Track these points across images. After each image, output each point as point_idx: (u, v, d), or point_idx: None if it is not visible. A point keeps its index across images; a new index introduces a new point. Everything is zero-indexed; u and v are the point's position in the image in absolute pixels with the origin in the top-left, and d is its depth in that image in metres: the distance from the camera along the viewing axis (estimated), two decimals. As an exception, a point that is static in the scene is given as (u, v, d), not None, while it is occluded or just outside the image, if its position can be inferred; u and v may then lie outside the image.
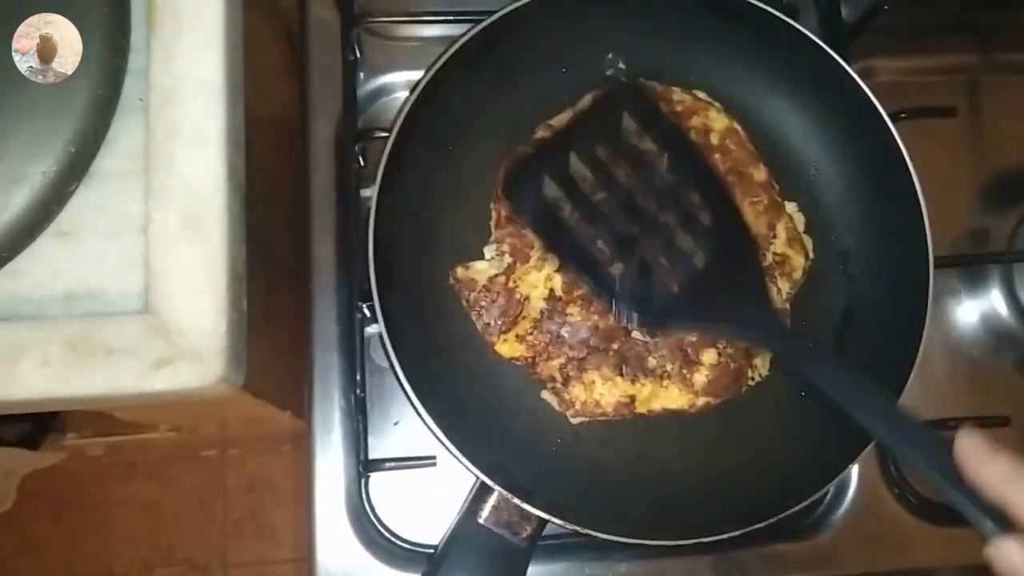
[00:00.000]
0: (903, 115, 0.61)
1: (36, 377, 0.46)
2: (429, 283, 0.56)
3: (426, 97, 0.53)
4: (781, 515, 0.51)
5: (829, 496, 0.61)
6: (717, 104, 0.60)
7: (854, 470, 0.62)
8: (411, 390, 0.50)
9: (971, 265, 0.66)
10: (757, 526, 0.51)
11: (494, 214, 0.57)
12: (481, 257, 0.57)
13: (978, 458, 0.37)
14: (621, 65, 0.60)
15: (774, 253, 0.58)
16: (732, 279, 0.51)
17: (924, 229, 0.54)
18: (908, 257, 0.55)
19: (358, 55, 0.62)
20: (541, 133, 0.58)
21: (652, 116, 0.54)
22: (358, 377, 0.58)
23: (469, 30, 0.54)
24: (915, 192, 0.54)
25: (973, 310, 0.66)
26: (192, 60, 0.49)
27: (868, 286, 0.58)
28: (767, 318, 0.50)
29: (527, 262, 0.56)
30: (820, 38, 0.57)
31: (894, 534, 0.61)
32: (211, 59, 0.50)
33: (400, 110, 0.53)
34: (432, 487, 0.59)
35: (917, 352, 0.53)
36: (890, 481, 0.61)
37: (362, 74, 0.64)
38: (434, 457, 0.57)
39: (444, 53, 0.53)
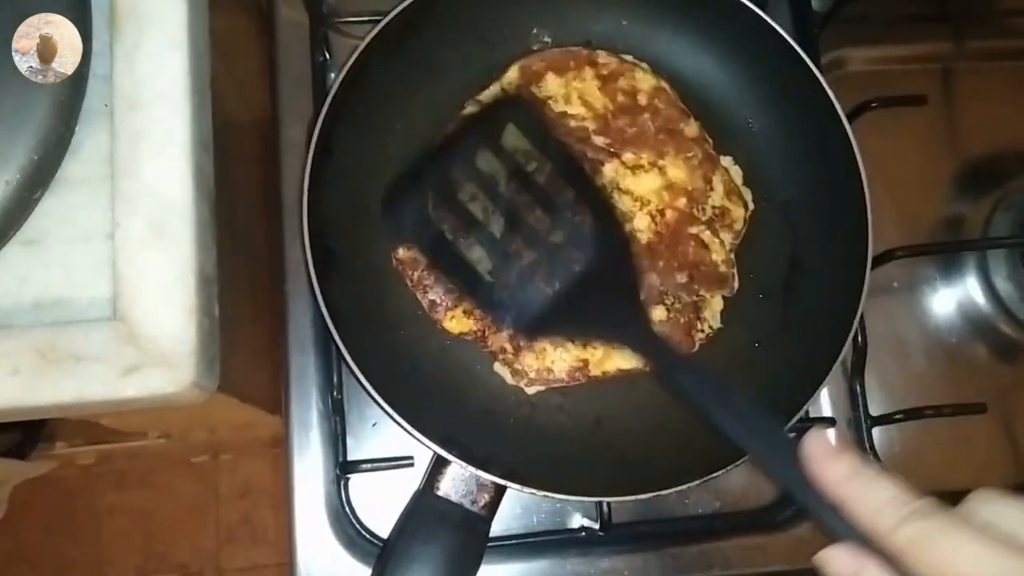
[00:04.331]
0: (874, 104, 0.61)
1: (5, 386, 0.46)
2: (372, 266, 0.56)
3: (351, 81, 0.53)
4: (740, 462, 0.51)
5: (809, 487, 0.61)
6: (643, 65, 0.60)
7: (834, 460, 0.62)
8: (357, 369, 0.50)
9: (946, 252, 0.66)
10: (716, 474, 0.51)
11: None
12: None
13: (822, 458, 0.36)
14: (547, 39, 0.61)
15: (712, 206, 0.59)
16: (607, 288, 0.50)
17: (860, 177, 0.55)
18: (847, 205, 0.55)
19: (327, 56, 0.62)
20: (470, 109, 0.58)
21: (536, 127, 0.53)
22: (335, 379, 0.58)
23: (391, 11, 0.54)
24: (848, 139, 0.55)
25: (949, 298, 0.66)
26: (156, 64, 0.49)
27: (811, 235, 0.58)
28: (638, 326, 0.49)
29: None
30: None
31: (874, 524, 0.61)
32: (176, 63, 0.49)
33: (325, 96, 0.53)
34: (411, 488, 0.59)
35: (859, 301, 0.53)
36: (870, 471, 0.61)
37: (332, 74, 0.63)
38: (412, 458, 0.57)
39: (366, 36, 0.54)
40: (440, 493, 0.51)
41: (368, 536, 0.58)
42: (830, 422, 0.61)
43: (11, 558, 1.39)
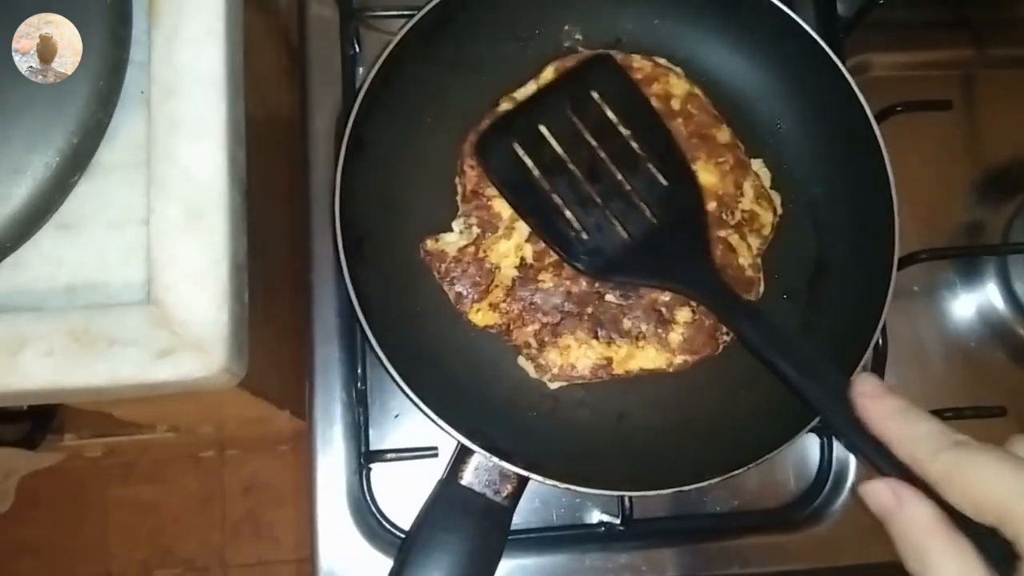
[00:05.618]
0: (899, 108, 0.61)
1: (38, 368, 0.46)
2: (401, 257, 0.56)
3: (385, 75, 0.54)
4: (762, 460, 0.52)
5: (827, 487, 0.62)
6: (677, 69, 0.60)
7: (852, 462, 0.62)
8: (386, 359, 0.50)
9: (966, 257, 0.67)
10: (737, 472, 0.51)
11: (460, 188, 0.58)
12: (450, 230, 0.58)
13: (871, 397, 0.40)
14: (578, 36, 0.61)
15: (742, 210, 0.58)
16: (680, 240, 0.54)
17: (888, 179, 0.55)
18: (874, 207, 0.55)
19: (357, 50, 0.63)
20: (505, 106, 0.59)
21: (619, 88, 0.57)
22: (359, 370, 0.58)
23: (424, 6, 0.55)
24: (877, 141, 0.55)
25: (969, 302, 0.66)
26: (193, 52, 0.50)
27: (837, 235, 0.58)
28: (708, 277, 0.53)
29: (496, 232, 0.57)
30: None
31: (892, 525, 0.61)
32: (212, 51, 0.50)
33: (359, 89, 0.54)
34: (433, 479, 0.59)
35: (884, 303, 0.54)
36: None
37: (361, 68, 0.64)
38: (435, 448, 0.58)
39: (400, 30, 0.54)
40: (463, 482, 0.51)
41: (390, 527, 0.58)
42: (849, 422, 0.61)
43: (17, 549, 1.40)
